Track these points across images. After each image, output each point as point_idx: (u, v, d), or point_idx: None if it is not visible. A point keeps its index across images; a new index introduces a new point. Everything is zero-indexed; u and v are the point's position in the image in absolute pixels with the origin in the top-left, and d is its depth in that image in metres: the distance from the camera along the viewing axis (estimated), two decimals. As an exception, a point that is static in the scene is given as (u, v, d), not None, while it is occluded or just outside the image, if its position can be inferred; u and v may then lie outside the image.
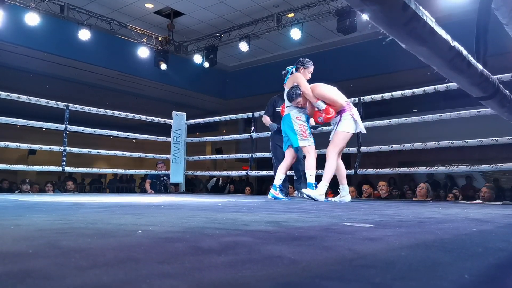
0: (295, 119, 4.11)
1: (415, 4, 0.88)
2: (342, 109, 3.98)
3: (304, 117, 4.15)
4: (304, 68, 4.25)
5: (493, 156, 4.91)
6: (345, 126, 3.92)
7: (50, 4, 8.21)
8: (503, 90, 1.55)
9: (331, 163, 3.87)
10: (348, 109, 3.96)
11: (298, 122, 4.10)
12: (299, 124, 4.09)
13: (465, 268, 0.74)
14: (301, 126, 4.08)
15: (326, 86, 4.12)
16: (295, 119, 4.12)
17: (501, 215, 2.20)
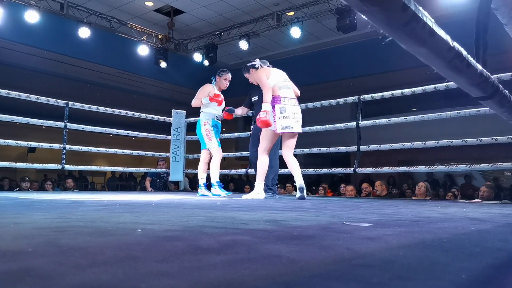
0: (203, 123, 4.56)
1: (414, 5, 0.88)
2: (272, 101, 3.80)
3: (211, 122, 4.55)
4: (219, 76, 4.65)
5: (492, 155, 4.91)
6: None
7: (49, 1, 8.20)
8: (502, 90, 1.55)
9: (259, 161, 3.93)
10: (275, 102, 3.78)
11: (205, 126, 4.54)
12: (205, 129, 4.53)
13: (463, 268, 0.75)
14: (206, 131, 4.52)
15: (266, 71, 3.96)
16: (202, 123, 4.56)
17: (499, 214, 2.20)
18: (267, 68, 4.09)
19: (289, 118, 3.79)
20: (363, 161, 5.28)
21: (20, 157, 13.95)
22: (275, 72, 4.00)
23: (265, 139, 3.90)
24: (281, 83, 3.89)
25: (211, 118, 4.57)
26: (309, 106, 5.78)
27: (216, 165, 4.44)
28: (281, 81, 3.91)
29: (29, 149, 13.78)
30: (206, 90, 4.62)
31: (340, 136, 7.55)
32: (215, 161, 4.44)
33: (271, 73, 3.93)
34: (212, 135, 4.50)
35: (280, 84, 3.88)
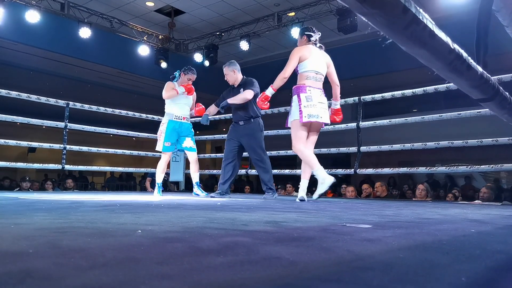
0: (160, 124, 4.48)
1: (415, 7, 0.88)
2: (293, 92, 3.58)
3: (167, 123, 4.41)
4: (184, 73, 4.47)
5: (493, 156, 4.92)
6: (292, 114, 3.61)
7: (50, 1, 8.21)
8: (503, 92, 1.55)
9: (302, 154, 3.57)
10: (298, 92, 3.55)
11: (161, 127, 4.44)
12: (160, 130, 4.43)
13: (463, 271, 0.75)
14: (159, 132, 4.43)
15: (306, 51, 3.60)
16: (162, 123, 4.48)
17: (500, 216, 2.20)
18: (309, 47, 3.63)
19: (316, 107, 3.51)
20: (363, 162, 5.28)
21: (21, 157, 13.96)
22: (315, 58, 3.61)
23: (296, 134, 3.54)
24: (312, 73, 3.56)
25: (167, 118, 4.44)
26: (309, 107, 5.76)
27: (159, 167, 4.51)
28: (314, 71, 3.58)
29: (30, 149, 13.79)
30: (170, 85, 4.43)
31: (340, 136, 7.56)
32: (161, 164, 4.50)
33: (310, 56, 3.57)
34: (162, 138, 4.40)
35: (310, 74, 3.56)
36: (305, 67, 3.57)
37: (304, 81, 3.55)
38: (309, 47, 3.63)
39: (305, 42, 3.70)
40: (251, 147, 4.42)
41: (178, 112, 4.47)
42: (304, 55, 3.56)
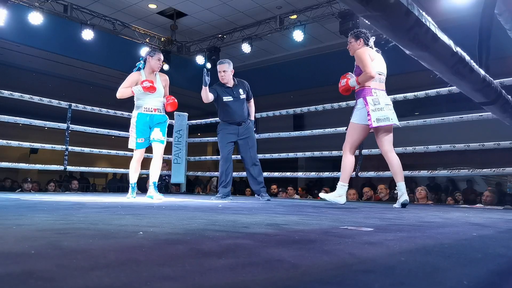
0: (132, 117, 3.98)
1: (418, 10, 0.89)
2: (358, 95, 3.48)
3: (136, 116, 3.91)
4: (151, 56, 4.05)
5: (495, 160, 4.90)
6: (355, 116, 3.51)
7: (53, 3, 8.24)
8: (505, 96, 1.55)
9: (344, 159, 3.51)
10: (365, 95, 3.43)
11: (131, 121, 3.95)
12: (131, 124, 3.94)
13: (464, 274, 0.75)
14: (130, 127, 3.94)
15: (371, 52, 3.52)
16: (132, 117, 3.98)
17: (502, 219, 2.19)
18: (371, 49, 3.54)
19: (384, 109, 3.40)
20: (365, 165, 5.28)
21: (23, 157, 13.99)
22: (378, 59, 3.52)
23: (352, 136, 3.47)
24: (376, 74, 3.43)
25: (137, 111, 3.94)
26: (311, 109, 5.78)
27: (131, 167, 4.00)
28: (377, 72, 3.46)
29: (32, 150, 13.82)
30: (131, 79, 3.97)
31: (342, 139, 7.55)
32: (131, 162, 4.00)
33: (374, 58, 3.47)
34: (133, 133, 3.90)
35: (376, 76, 3.43)
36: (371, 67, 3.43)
37: (369, 83, 3.43)
38: (370, 49, 3.53)
39: (362, 45, 3.53)
40: (250, 147, 4.41)
41: (148, 104, 3.93)
42: (371, 56, 3.45)
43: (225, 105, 4.37)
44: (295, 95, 11.33)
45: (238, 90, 4.42)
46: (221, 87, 4.43)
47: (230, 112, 4.38)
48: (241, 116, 4.40)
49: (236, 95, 4.40)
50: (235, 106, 4.37)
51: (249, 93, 4.56)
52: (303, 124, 11.89)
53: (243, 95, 4.43)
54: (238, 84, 4.47)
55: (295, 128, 10.94)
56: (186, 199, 4.13)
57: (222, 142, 4.41)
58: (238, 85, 4.46)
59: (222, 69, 4.40)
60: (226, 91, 4.39)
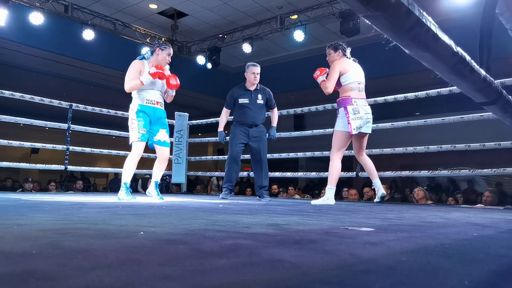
0: (129, 111, 3.67)
1: (418, 10, 0.89)
2: (339, 104, 3.74)
3: (137, 107, 3.61)
4: (161, 49, 3.74)
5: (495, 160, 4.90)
6: (338, 125, 3.74)
7: (54, 3, 8.25)
8: (506, 96, 1.55)
9: (332, 164, 3.74)
10: (345, 104, 3.69)
11: (130, 115, 3.64)
12: (130, 118, 3.63)
13: (465, 274, 0.75)
14: (129, 121, 3.63)
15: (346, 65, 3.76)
16: (129, 111, 3.67)
17: (502, 220, 2.19)
18: (347, 60, 3.81)
19: (363, 118, 3.69)
20: (365, 165, 5.27)
21: (24, 157, 14.00)
22: (355, 69, 3.78)
23: (339, 143, 3.72)
24: (355, 84, 3.72)
25: (137, 103, 3.64)
26: (311, 110, 5.78)
27: (129, 163, 3.59)
28: (356, 82, 3.74)
29: (33, 150, 13.83)
30: (135, 68, 3.64)
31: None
32: (131, 159, 3.59)
33: (350, 69, 3.74)
34: (134, 125, 3.58)
35: (354, 86, 3.72)
36: (348, 79, 3.72)
37: (349, 93, 3.70)
38: (347, 60, 3.81)
39: (340, 56, 3.84)
40: (262, 150, 4.52)
41: (151, 96, 3.67)
42: (345, 68, 3.72)
43: (241, 106, 4.52)
44: (295, 95, 11.34)
45: (257, 95, 4.57)
46: (241, 89, 4.60)
47: (243, 113, 4.51)
48: (253, 118, 4.51)
49: (253, 99, 4.54)
50: (250, 108, 4.50)
51: (272, 102, 4.70)
52: (304, 124, 11.89)
53: (260, 101, 4.57)
54: (259, 89, 4.62)
55: (296, 128, 10.94)
56: (186, 199, 4.13)
57: (233, 141, 4.52)
58: (259, 90, 4.61)
59: (257, 72, 4.57)
60: (244, 94, 4.54)
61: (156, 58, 3.72)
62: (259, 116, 4.57)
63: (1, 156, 6.62)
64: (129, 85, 3.58)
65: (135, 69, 3.63)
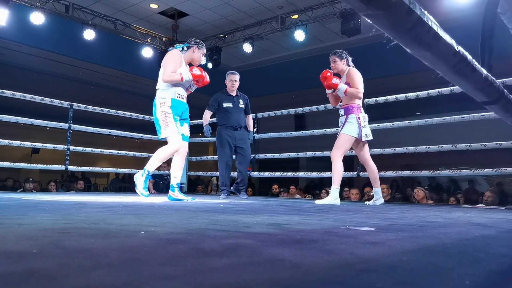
0: (159, 104, 3.52)
1: (420, 9, 0.88)
2: (349, 110, 3.89)
3: (170, 102, 3.51)
4: (198, 48, 3.76)
5: (496, 160, 4.89)
6: (348, 129, 3.85)
7: (55, 3, 8.25)
8: (507, 95, 1.54)
9: (336, 165, 3.82)
10: (356, 112, 3.87)
11: (161, 108, 3.49)
12: (161, 111, 3.48)
13: (466, 274, 0.74)
14: (162, 114, 3.48)
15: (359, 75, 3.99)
16: (159, 104, 3.53)
17: (504, 219, 2.19)
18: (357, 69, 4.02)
19: (368, 126, 3.94)
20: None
21: (24, 157, 14.01)
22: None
23: (345, 146, 3.86)
24: (361, 94, 3.93)
25: (170, 96, 3.53)
26: (312, 109, 5.77)
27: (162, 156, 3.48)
28: (362, 92, 3.94)
29: (33, 150, 13.84)
30: (177, 59, 3.56)
31: (343, 139, 7.53)
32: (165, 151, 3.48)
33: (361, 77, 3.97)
34: (169, 119, 3.47)
35: (361, 95, 3.93)
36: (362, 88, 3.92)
37: (358, 101, 3.91)
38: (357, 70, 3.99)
39: (345, 64, 4.04)
40: (246, 151, 4.89)
41: (181, 90, 3.62)
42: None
43: (225, 111, 4.86)
44: (296, 95, 11.33)
45: (239, 100, 4.93)
46: (224, 94, 4.93)
47: (228, 117, 4.85)
48: (237, 121, 4.86)
49: (236, 103, 4.90)
50: (233, 112, 4.85)
51: (248, 108, 5.04)
52: (305, 124, 11.89)
53: (242, 105, 4.93)
54: (239, 95, 4.97)
55: (297, 128, 10.94)
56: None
57: (221, 147, 4.86)
58: (239, 96, 4.96)
59: (234, 79, 4.87)
60: (228, 98, 4.89)
61: (190, 55, 3.69)
62: (242, 120, 4.92)
63: (2, 156, 6.63)
64: (170, 77, 3.48)
65: (177, 61, 3.55)
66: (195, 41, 3.77)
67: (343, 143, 3.85)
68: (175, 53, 3.58)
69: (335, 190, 3.78)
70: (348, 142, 3.86)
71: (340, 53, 4.04)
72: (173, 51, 3.61)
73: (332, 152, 3.88)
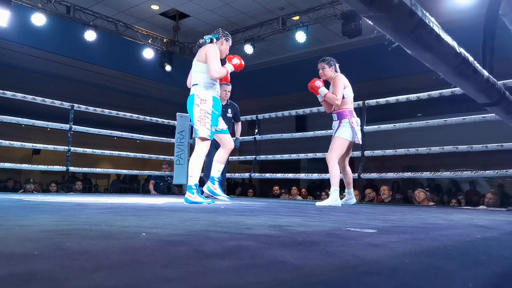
0: (199, 100, 3.37)
1: (421, 11, 0.88)
2: (342, 115, 3.98)
3: (212, 101, 3.38)
4: (226, 40, 3.66)
5: (497, 161, 4.89)
6: (342, 133, 3.95)
7: (56, 4, 8.27)
8: (508, 97, 1.54)
9: (333, 167, 3.89)
10: (348, 116, 3.98)
11: (201, 105, 3.35)
12: (201, 109, 3.34)
13: (469, 276, 0.74)
14: (202, 112, 3.34)
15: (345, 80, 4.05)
16: (199, 100, 3.37)
17: (505, 221, 2.19)
18: (344, 76, 4.10)
19: (359, 130, 4.09)
20: (367, 166, 5.27)
21: (25, 158, 14.01)
22: (349, 84, 4.10)
23: (340, 149, 3.95)
24: (351, 98, 4.06)
25: (212, 94, 3.40)
26: (313, 111, 5.77)
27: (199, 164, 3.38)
28: (352, 96, 4.07)
29: (34, 151, 13.83)
30: (218, 52, 3.44)
31: (344, 141, 7.52)
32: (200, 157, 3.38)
33: (348, 84, 4.07)
34: (208, 120, 3.33)
35: (351, 99, 4.07)
36: (348, 93, 4.03)
37: (349, 106, 4.03)
38: (344, 76, 4.07)
39: (333, 71, 4.10)
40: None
41: (218, 87, 3.50)
42: (346, 83, 4.03)
43: None
44: (297, 96, 11.30)
45: (227, 109, 5.18)
46: None
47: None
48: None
49: (224, 112, 5.03)
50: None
51: (238, 116, 5.31)
52: (306, 125, 11.88)
53: (230, 114, 5.19)
54: (229, 104, 5.23)
55: (298, 129, 10.93)
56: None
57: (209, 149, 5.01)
58: (229, 105, 5.23)
59: (228, 89, 5.12)
60: None
61: (219, 48, 3.56)
62: (229, 127, 4.99)
63: (3, 157, 6.63)
64: (219, 73, 3.34)
65: (218, 55, 3.41)
66: (223, 33, 3.65)
67: (337, 146, 3.95)
68: (215, 47, 3.45)
69: (335, 191, 3.83)
70: (343, 146, 3.96)
71: (328, 60, 4.12)
72: (212, 45, 3.48)
73: (328, 155, 3.96)
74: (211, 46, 3.44)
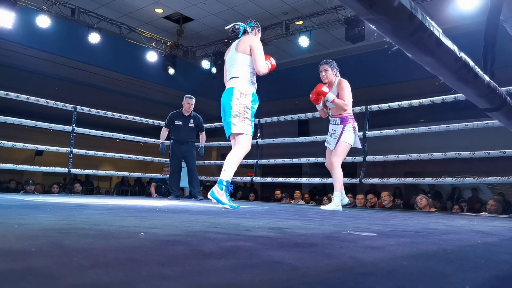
0: (239, 94, 3.15)
1: (421, 14, 0.88)
2: (346, 120, 3.99)
3: (251, 96, 3.20)
4: (259, 31, 3.55)
5: (500, 168, 4.87)
6: (347, 137, 3.95)
7: (61, 7, 8.32)
8: (510, 102, 1.54)
9: (338, 172, 3.89)
10: (351, 121, 4.00)
11: (240, 99, 3.13)
12: (240, 103, 3.13)
13: (466, 279, 0.74)
14: (242, 106, 3.13)
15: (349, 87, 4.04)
16: (238, 94, 3.15)
17: (507, 228, 2.18)
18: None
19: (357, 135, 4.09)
20: (369, 171, 5.25)
21: (28, 159, 14.06)
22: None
23: (344, 153, 3.97)
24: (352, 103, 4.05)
25: (252, 90, 3.21)
26: (315, 115, 5.77)
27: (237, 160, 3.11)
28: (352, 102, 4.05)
29: (37, 152, 13.88)
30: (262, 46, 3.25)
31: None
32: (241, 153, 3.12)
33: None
34: (247, 115, 3.13)
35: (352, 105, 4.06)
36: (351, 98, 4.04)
37: (351, 111, 4.05)
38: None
39: (336, 74, 4.09)
40: (192, 162, 5.68)
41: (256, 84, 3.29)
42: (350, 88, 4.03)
43: (176, 127, 5.67)
44: (300, 101, 11.33)
45: (190, 120, 5.72)
46: (178, 114, 5.74)
47: (178, 133, 5.65)
48: (185, 137, 5.66)
49: (186, 122, 5.68)
50: (182, 129, 5.65)
51: (201, 126, 5.85)
52: (308, 130, 11.88)
53: (191, 124, 5.71)
54: (192, 116, 5.75)
55: (300, 134, 10.94)
56: (189, 203, 4.13)
57: (171, 156, 5.69)
58: (192, 116, 5.74)
59: (191, 102, 5.72)
60: (180, 117, 5.71)
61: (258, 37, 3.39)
62: (190, 136, 5.71)
63: (5, 158, 6.65)
64: (266, 68, 3.20)
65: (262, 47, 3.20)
66: (256, 24, 3.47)
67: (342, 151, 3.95)
68: (259, 41, 3.30)
69: (338, 196, 3.82)
70: (346, 150, 3.98)
71: (331, 62, 4.10)
72: (256, 38, 3.33)
73: (333, 159, 3.94)
74: (256, 39, 3.27)
